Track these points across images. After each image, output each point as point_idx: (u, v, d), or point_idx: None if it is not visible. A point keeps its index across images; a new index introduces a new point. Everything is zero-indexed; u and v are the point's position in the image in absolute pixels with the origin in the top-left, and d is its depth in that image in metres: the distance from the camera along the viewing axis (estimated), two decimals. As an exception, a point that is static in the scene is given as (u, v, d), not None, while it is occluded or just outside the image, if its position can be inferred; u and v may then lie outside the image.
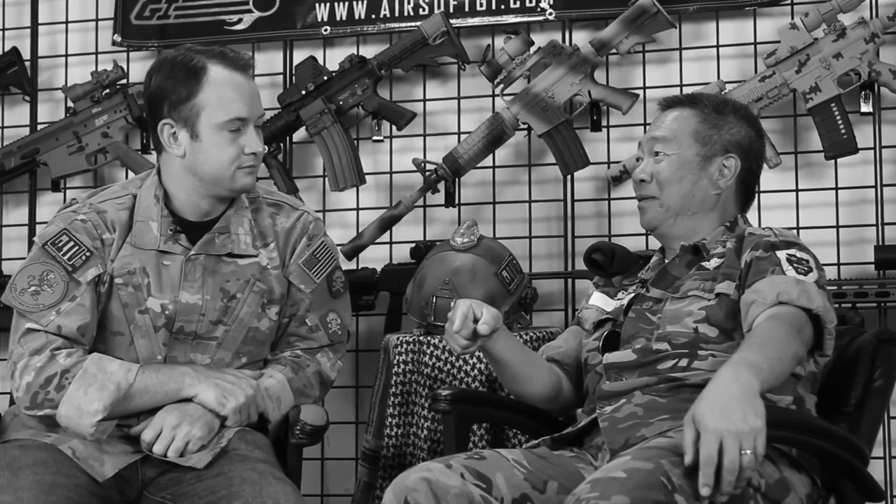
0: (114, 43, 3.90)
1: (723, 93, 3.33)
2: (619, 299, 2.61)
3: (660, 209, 2.56)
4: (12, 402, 2.72)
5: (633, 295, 2.57)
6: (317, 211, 3.10)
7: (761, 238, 2.44)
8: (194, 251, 2.58)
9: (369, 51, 3.72)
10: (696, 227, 2.55)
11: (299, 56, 3.75)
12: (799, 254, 2.39)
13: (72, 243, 2.55)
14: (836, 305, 3.04)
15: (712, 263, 2.49)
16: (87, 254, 2.55)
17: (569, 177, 3.56)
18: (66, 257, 2.53)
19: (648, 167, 2.57)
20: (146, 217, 2.59)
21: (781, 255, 2.37)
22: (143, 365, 2.51)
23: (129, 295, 2.55)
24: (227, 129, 2.54)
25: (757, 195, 3.36)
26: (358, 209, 3.75)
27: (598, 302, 2.66)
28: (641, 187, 2.58)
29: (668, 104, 2.64)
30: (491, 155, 3.58)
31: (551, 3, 3.62)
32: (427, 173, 3.54)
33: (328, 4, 3.76)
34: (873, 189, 3.40)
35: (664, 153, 2.55)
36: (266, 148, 2.59)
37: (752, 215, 2.66)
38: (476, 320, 2.43)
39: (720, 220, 2.56)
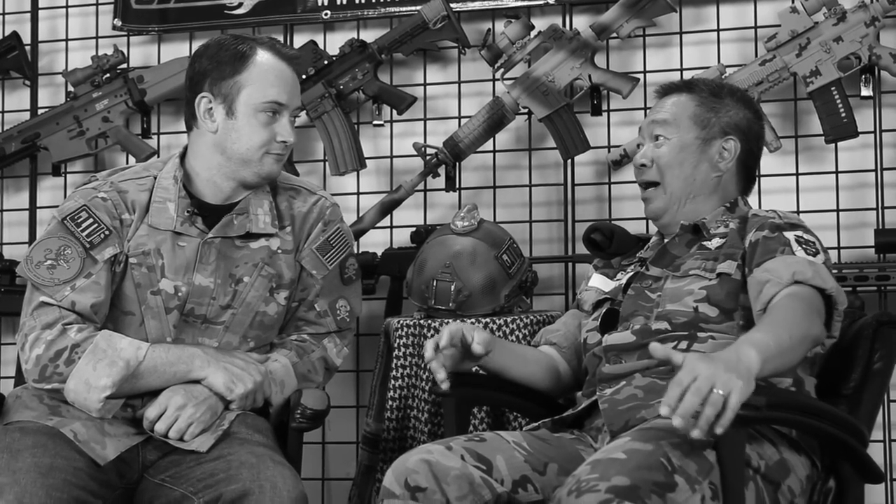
0: (114, 27, 3.89)
1: (723, 77, 3.33)
2: (617, 280, 2.62)
3: (664, 196, 2.56)
4: (16, 384, 2.73)
5: (632, 273, 2.58)
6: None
7: (766, 219, 2.45)
8: (211, 234, 2.59)
9: (369, 35, 3.71)
10: (697, 209, 2.55)
11: (299, 40, 3.75)
12: (805, 235, 2.40)
13: (91, 220, 2.55)
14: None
15: (714, 243, 2.49)
16: (106, 232, 2.55)
17: (569, 161, 3.56)
18: (84, 234, 2.54)
19: (649, 152, 2.58)
20: (164, 198, 2.60)
21: (790, 235, 2.38)
22: (153, 344, 2.51)
23: (143, 275, 2.56)
24: (265, 111, 2.57)
25: (757, 179, 3.40)
26: (358, 193, 3.75)
27: (598, 283, 2.66)
28: (642, 172, 2.59)
29: (666, 90, 2.65)
30: (491, 139, 3.58)
31: (552, -14, 3.62)
32: (427, 157, 3.54)
33: (328, -12, 3.77)
34: (873, 173, 3.40)
35: (664, 137, 2.56)
36: (295, 140, 2.61)
37: (752, 199, 2.66)
38: (466, 344, 2.45)
39: (721, 202, 2.57)
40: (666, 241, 2.58)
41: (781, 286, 2.28)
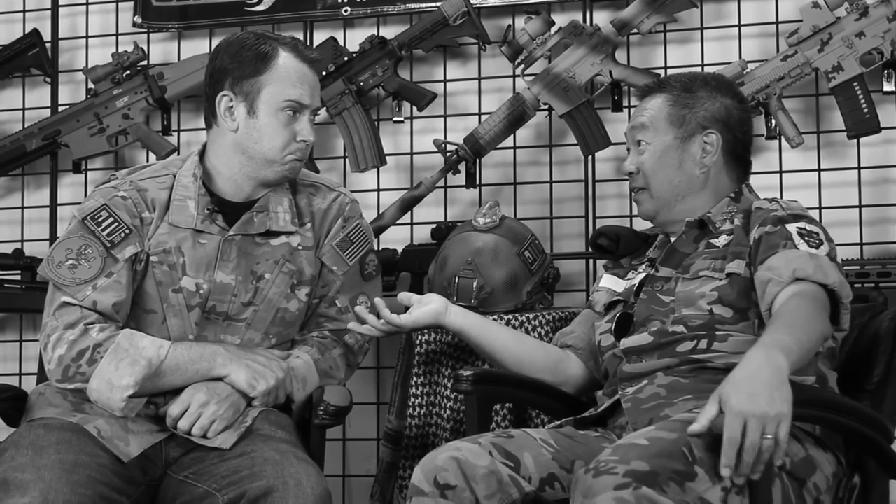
0: (134, 24, 3.89)
1: (745, 72, 3.32)
2: (629, 279, 2.62)
3: (652, 199, 2.57)
4: (38, 381, 2.74)
5: (643, 275, 2.57)
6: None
7: (769, 212, 2.43)
8: (232, 232, 2.59)
9: (390, 31, 3.71)
10: (693, 206, 2.55)
11: (319, 37, 3.75)
12: (808, 226, 2.38)
13: (111, 219, 2.56)
14: (860, 285, 3.03)
15: (721, 241, 2.48)
16: (127, 231, 2.56)
17: (590, 157, 3.55)
18: (105, 233, 2.55)
19: (634, 158, 2.59)
20: (184, 196, 2.60)
21: (792, 228, 2.36)
22: (174, 342, 2.52)
23: (164, 273, 2.56)
24: (285, 110, 2.57)
25: (779, 175, 3.40)
26: (379, 190, 3.74)
27: (609, 284, 2.66)
28: (631, 179, 2.61)
29: (643, 93, 2.64)
30: (512, 135, 3.57)
31: (572, -18, 3.62)
32: (448, 154, 3.54)
33: (348, -15, 3.77)
34: (896, 168, 3.39)
35: (645, 142, 2.57)
36: (315, 138, 2.63)
37: (773, 195, 2.65)
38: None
39: (715, 194, 2.55)
40: (673, 239, 2.57)
41: (783, 285, 2.27)
